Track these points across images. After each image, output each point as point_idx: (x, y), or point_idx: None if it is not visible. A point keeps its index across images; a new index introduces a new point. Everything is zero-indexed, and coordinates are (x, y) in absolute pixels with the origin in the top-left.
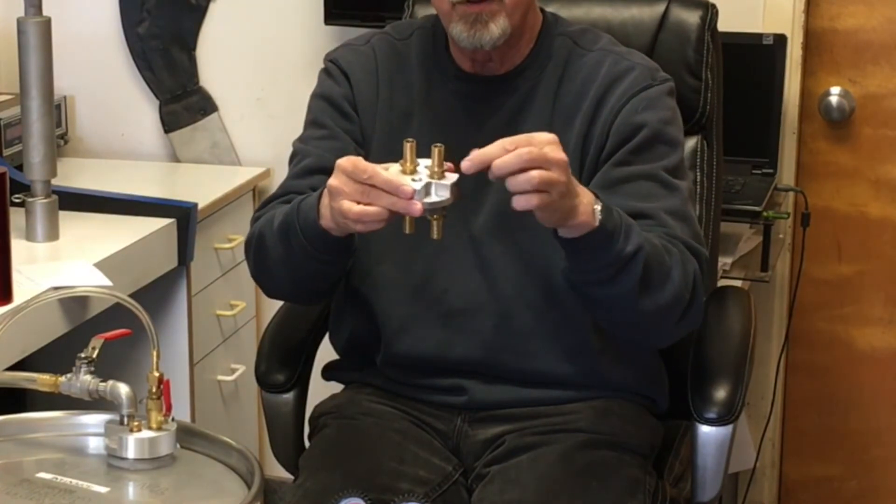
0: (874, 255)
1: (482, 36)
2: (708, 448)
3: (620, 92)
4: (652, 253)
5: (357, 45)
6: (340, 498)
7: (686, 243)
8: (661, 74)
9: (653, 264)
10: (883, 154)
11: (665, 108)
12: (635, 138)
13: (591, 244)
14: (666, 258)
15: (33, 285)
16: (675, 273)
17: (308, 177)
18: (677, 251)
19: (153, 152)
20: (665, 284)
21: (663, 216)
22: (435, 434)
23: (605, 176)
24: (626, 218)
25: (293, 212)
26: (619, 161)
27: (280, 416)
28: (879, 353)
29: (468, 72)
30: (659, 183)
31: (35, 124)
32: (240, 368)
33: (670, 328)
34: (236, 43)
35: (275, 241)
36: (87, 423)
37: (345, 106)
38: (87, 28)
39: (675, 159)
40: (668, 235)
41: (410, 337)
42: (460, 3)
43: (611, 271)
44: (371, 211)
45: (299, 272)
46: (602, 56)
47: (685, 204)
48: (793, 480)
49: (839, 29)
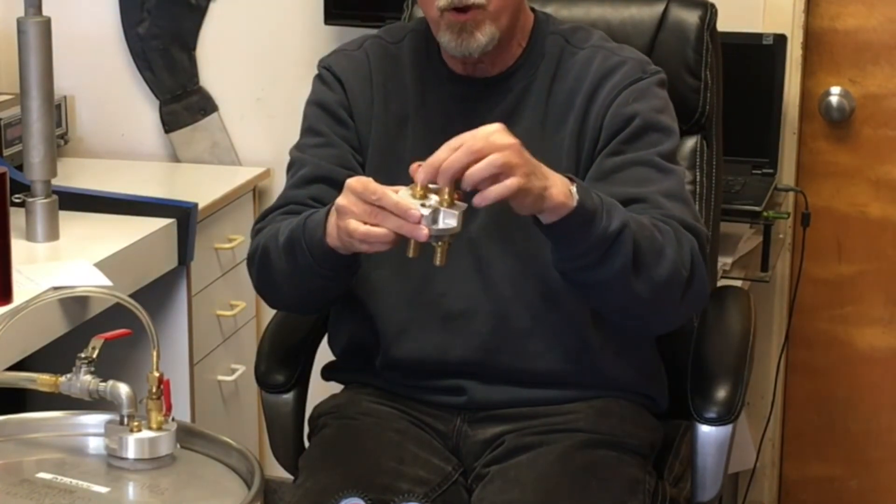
0: (874, 255)
1: (469, 44)
2: (708, 448)
3: (611, 86)
4: (640, 230)
5: (350, 50)
6: (340, 498)
7: (683, 221)
8: (651, 67)
9: (642, 241)
10: (883, 154)
11: (655, 97)
12: (628, 128)
13: (573, 226)
14: (657, 235)
15: (33, 285)
16: (669, 250)
17: (307, 186)
18: (671, 229)
19: (153, 152)
20: (659, 261)
21: (659, 199)
22: (434, 434)
23: (599, 167)
24: (607, 198)
25: (299, 228)
26: (612, 151)
27: (280, 417)
28: (879, 353)
29: (461, 74)
30: (653, 167)
31: (35, 124)
32: (240, 368)
33: (672, 310)
34: (236, 43)
35: (280, 256)
36: (87, 423)
37: (340, 112)
38: (87, 28)
39: (669, 146)
40: (664, 216)
41: (409, 341)
42: (447, 11)
43: (598, 253)
44: (377, 232)
45: (304, 287)
46: (593, 52)
47: (681, 186)
48: (793, 480)
49: (839, 29)
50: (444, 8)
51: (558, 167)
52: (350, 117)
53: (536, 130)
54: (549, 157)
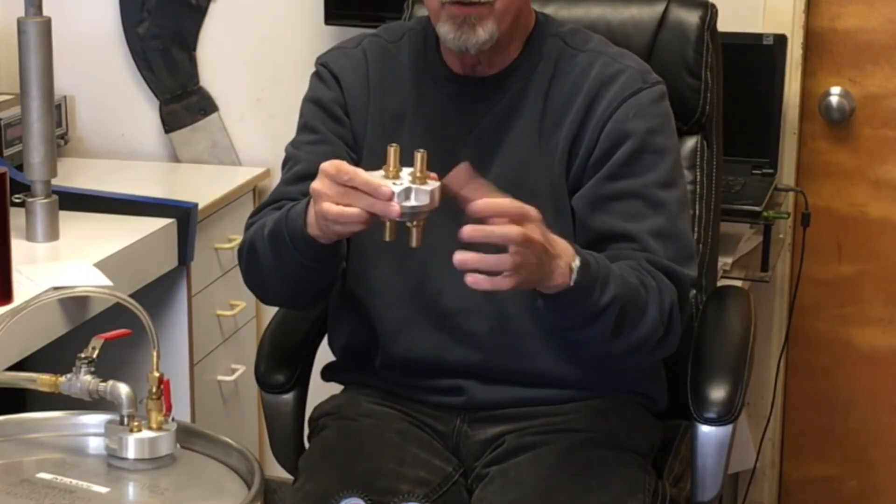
0: (874, 255)
1: (468, 39)
2: (708, 448)
3: (611, 96)
4: (628, 297)
5: (348, 48)
6: (340, 498)
7: (667, 269)
8: (651, 77)
9: (627, 308)
10: (883, 154)
11: (654, 114)
12: (622, 147)
13: (565, 300)
14: (642, 296)
15: (33, 285)
16: (652, 311)
17: (299, 183)
18: (655, 284)
19: (153, 152)
20: (639, 324)
21: (647, 239)
22: (434, 434)
23: (594, 191)
24: (604, 265)
25: (282, 220)
26: (608, 175)
27: (280, 417)
28: (879, 353)
29: (458, 73)
30: (645, 201)
31: (35, 124)
32: (240, 368)
33: (641, 359)
34: (236, 43)
35: (265, 249)
36: (87, 423)
37: (336, 110)
38: (87, 28)
39: (664, 169)
40: (650, 262)
41: (407, 340)
42: (450, 3)
43: (584, 320)
44: (350, 212)
45: (290, 279)
46: (593, 57)
47: (672, 220)
48: (793, 480)
49: (839, 29)
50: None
51: (550, 172)
52: (346, 115)
53: (533, 132)
54: (542, 161)
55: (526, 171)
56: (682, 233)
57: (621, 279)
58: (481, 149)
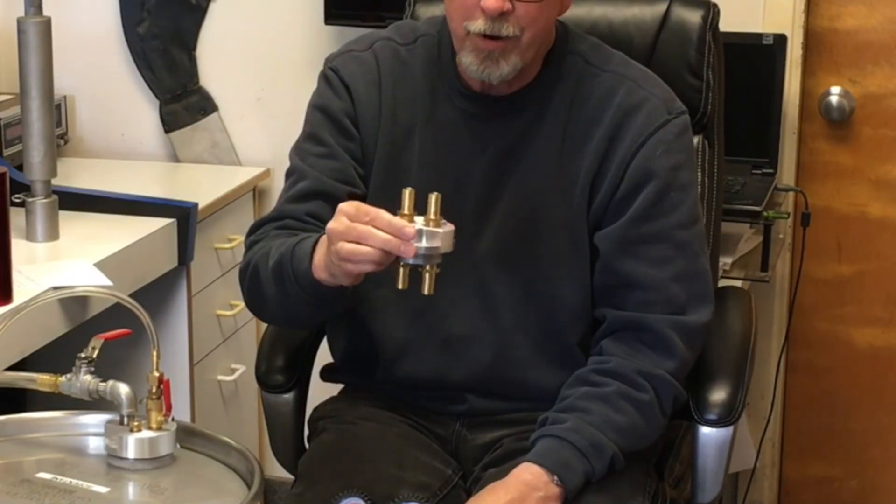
0: (874, 255)
1: (491, 72)
2: (708, 449)
3: (636, 129)
4: (626, 435)
5: (359, 51)
6: (340, 498)
7: (685, 329)
8: (676, 105)
9: (629, 440)
10: (883, 154)
11: (679, 149)
12: (648, 186)
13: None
14: (640, 424)
15: (33, 285)
16: (652, 423)
17: (305, 201)
18: (649, 398)
19: (153, 152)
20: (639, 443)
21: (669, 287)
22: (434, 438)
23: (621, 234)
24: (592, 443)
25: (287, 254)
26: (634, 217)
27: (280, 417)
28: (879, 353)
29: (474, 90)
30: (672, 244)
31: (35, 124)
32: (240, 368)
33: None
34: (236, 43)
35: (269, 279)
36: (87, 423)
37: (345, 122)
38: (87, 28)
39: (688, 206)
40: (639, 373)
41: (409, 361)
42: (476, 35)
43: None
44: (364, 250)
45: (292, 311)
46: (616, 81)
47: (694, 260)
48: (793, 480)
49: (839, 29)
50: (475, 32)
51: (569, 202)
52: (355, 128)
53: (553, 156)
54: (560, 189)
55: (541, 200)
56: (702, 273)
57: (613, 426)
58: (494, 171)
